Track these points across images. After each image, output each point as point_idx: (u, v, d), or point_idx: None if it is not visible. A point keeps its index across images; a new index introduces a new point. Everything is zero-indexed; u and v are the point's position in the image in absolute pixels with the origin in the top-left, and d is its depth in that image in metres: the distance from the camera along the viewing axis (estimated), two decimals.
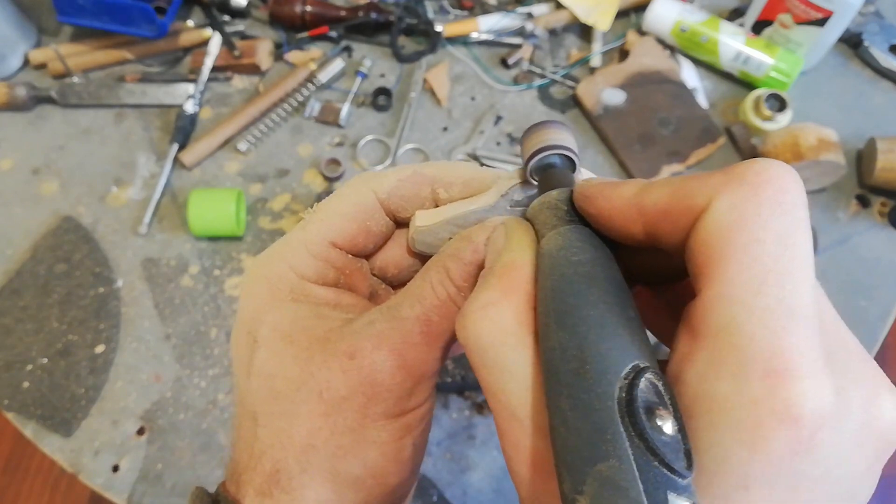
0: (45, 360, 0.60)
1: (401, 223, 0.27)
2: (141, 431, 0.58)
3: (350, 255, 0.26)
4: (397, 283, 0.29)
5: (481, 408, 0.60)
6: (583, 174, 0.24)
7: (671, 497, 0.14)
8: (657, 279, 0.22)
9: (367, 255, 0.27)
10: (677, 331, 0.17)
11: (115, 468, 0.57)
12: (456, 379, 0.58)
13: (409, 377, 0.23)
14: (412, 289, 0.23)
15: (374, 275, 0.28)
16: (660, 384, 0.15)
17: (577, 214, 0.20)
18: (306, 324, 0.24)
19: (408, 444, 0.24)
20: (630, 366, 0.15)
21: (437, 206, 0.26)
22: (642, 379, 0.15)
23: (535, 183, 0.23)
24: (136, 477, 0.57)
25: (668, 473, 0.14)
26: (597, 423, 0.15)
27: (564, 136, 0.23)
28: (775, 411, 0.14)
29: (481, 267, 0.22)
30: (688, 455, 0.15)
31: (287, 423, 0.23)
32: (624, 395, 0.15)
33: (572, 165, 0.23)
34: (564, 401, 0.15)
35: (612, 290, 0.17)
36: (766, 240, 0.15)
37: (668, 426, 0.15)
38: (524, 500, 0.17)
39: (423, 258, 0.28)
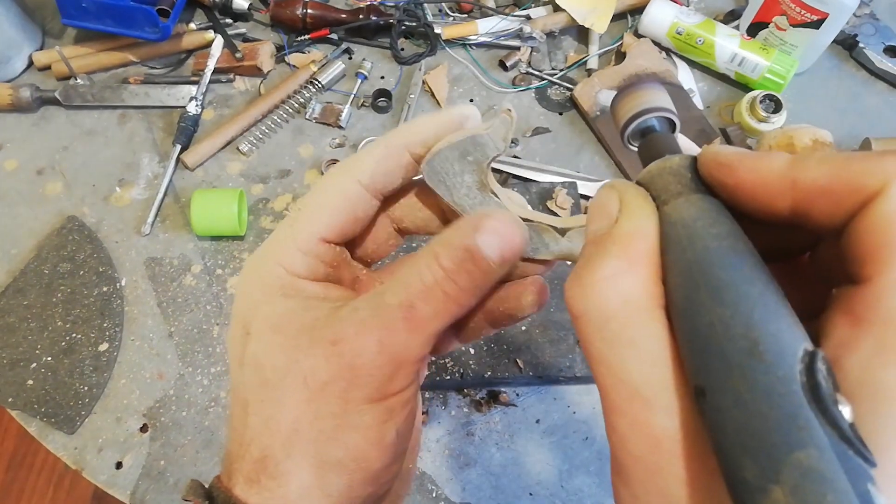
0: (50, 359, 0.61)
1: (388, 197, 0.27)
2: (144, 429, 0.59)
3: (338, 248, 0.26)
4: (375, 259, 0.29)
5: (480, 405, 0.61)
6: (682, 141, 0.23)
7: (871, 489, 0.13)
8: (768, 257, 0.21)
9: (356, 242, 0.28)
10: (829, 317, 0.17)
11: (119, 465, 0.58)
12: (455, 376, 0.59)
13: (391, 362, 0.23)
14: (399, 276, 0.24)
15: (354, 260, 0.28)
16: (827, 370, 0.14)
17: (702, 184, 0.19)
18: (295, 315, 0.24)
19: (390, 428, 0.24)
20: (802, 349, 0.14)
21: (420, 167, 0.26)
22: (817, 363, 0.14)
23: (634, 149, 0.22)
24: (140, 474, 0.57)
25: (863, 463, 0.13)
26: (785, 409, 0.14)
27: (661, 97, 0.22)
28: None
29: (470, 251, 0.22)
30: (863, 444, 0.14)
31: (274, 409, 0.23)
32: (805, 379, 0.14)
33: (672, 128, 0.22)
34: (737, 383, 0.14)
35: (760, 267, 0.16)
36: None
37: (846, 412, 0.14)
38: (639, 482, 0.17)
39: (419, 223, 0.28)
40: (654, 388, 0.16)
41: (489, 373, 0.59)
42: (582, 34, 0.80)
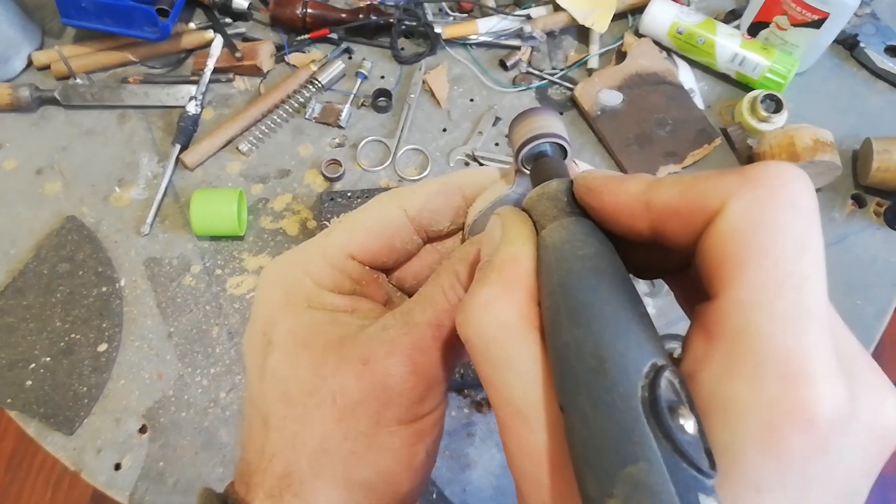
0: (48, 359, 0.61)
1: (433, 238, 0.27)
2: (143, 430, 0.59)
3: (367, 268, 0.26)
4: (413, 290, 0.29)
5: (480, 406, 0.60)
6: (581, 166, 0.23)
7: (702, 498, 0.13)
8: (649, 273, 0.22)
9: (388, 269, 0.27)
10: (689, 332, 0.17)
11: (118, 466, 0.57)
12: (455, 377, 0.59)
13: (421, 382, 0.23)
14: (424, 294, 0.23)
15: (391, 283, 0.28)
16: (676, 383, 0.15)
17: (578, 206, 0.20)
18: (321, 329, 0.24)
19: (420, 450, 0.24)
20: (649, 364, 0.15)
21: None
22: (662, 378, 0.15)
23: (527, 172, 0.23)
24: (138, 475, 0.57)
25: (697, 474, 0.14)
26: (622, 424, 0.14)
27: (554, 123, 0.22)
28: (791, 413, 0.14)
29: None
30: (709, 454, 0.14)
31: (299, 426, 0.23)
32: (646, 394, 0.14)
33: (564, 153, 0.22)
34: (583, 400, 0.15)
35: (621, 286, 0.17)
36: (784, 244, 0.15)
37: (689, 425, 0.14)
38: (526, 496, 0.17)
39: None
40: (531, 407, 0.17)
41: None
42: (582, 34, 0.80)
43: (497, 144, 0.73)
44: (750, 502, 0.15)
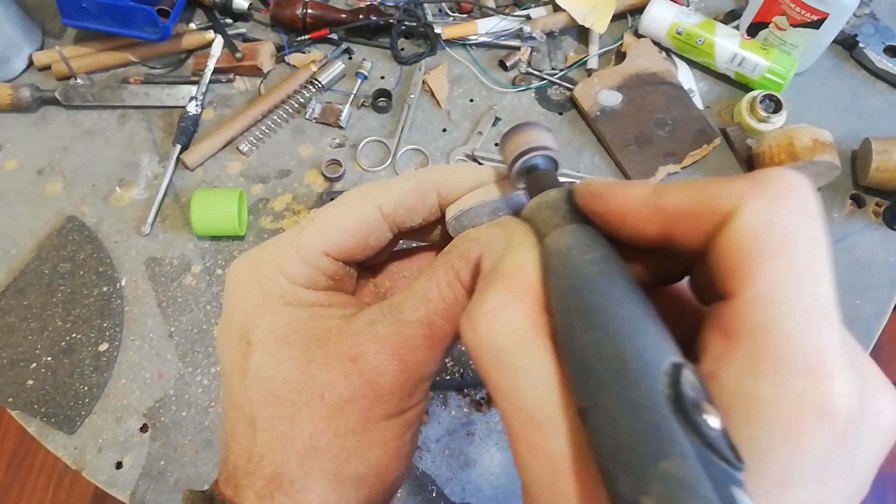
0: (50, 359, 0.61)
1: (404, 233, 0.27)
2: (144, 429, 0.59)
3: (342, 264, 0.26)
4: (369, 268, 0.29)
5: (480, 405, 0.61)
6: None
7: (735, 491, 0.13)
8: (647, 284, 0.22)
9: (361, 264, 0.27)
10: (704, 332, 0.17)
11: (119, 465, 0.58)
12: (455, 376, 0.59)
13: (411, 380, 0.23)
14: (417, 289, 0.23)
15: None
16: (696, 380, 0.15)
17: (579, 213, 0.20)
18: (303, 325, 0.24)
19: (407, 440, 0.24)
20: (669, 362, 0.15)
21: (441, 213, 0.26)
22: (683, 375, 0.15)
23: (522, 188, 0.23)
24: (140, 473, 0.57)
25: (728, 468, 0.14)
26: (650, 421, 0.14)
27: (543, 137, 0.23)
28: (815, 407, 0.15)
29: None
30: (733, 450, 0.14)
31: (288, 426, 0.23)
32: (670, 391, 0.14)
33: (555, 165, 0.23)
34: (607, 400, 0.15)
35: (631, 287, 0.17)
36: (799, 244, 0.16)
37: (714, 421, 0.14)
38: (539, 503, 0.17)
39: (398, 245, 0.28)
40: (546, 413, 0.17)
41: None
42: (582, 34, 0.80)
43: (496, 145, 0.73)
44: (776, 495, 0.15)
